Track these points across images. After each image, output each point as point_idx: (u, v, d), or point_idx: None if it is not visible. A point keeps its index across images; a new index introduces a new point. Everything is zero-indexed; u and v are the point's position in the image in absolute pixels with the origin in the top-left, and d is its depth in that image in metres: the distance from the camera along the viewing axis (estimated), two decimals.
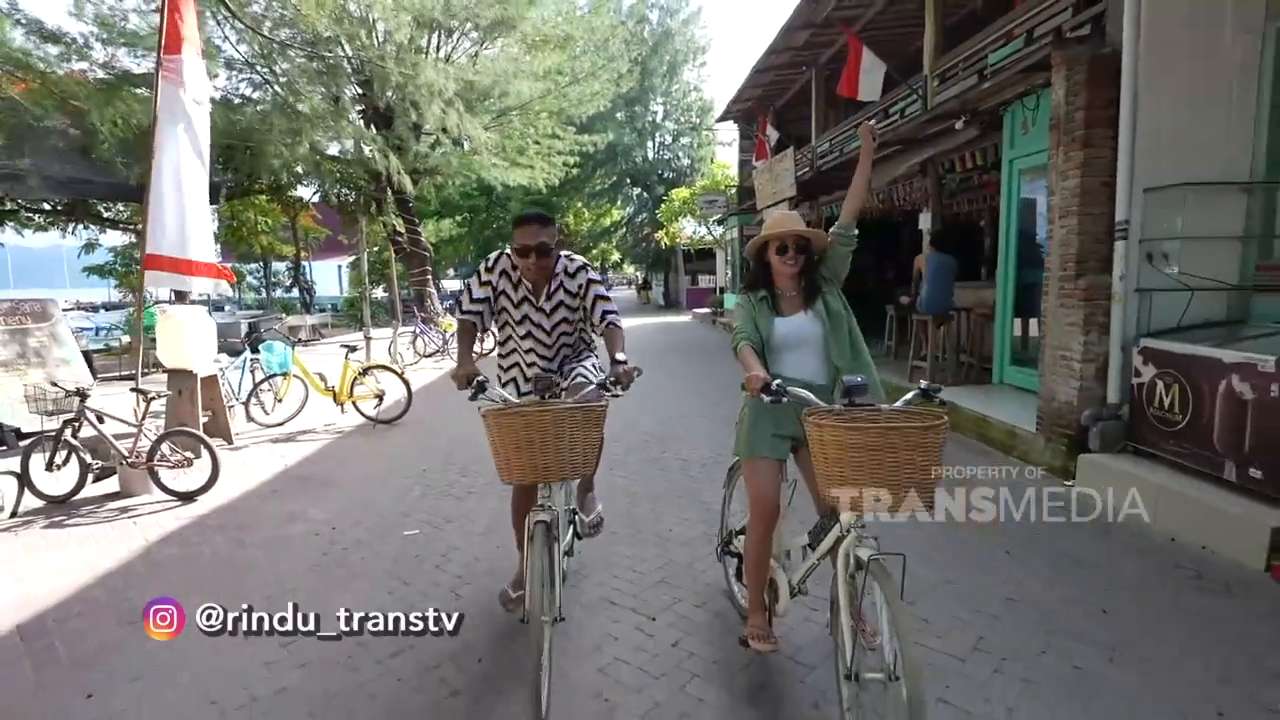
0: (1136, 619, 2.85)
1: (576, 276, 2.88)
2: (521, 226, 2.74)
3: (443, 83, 10.99)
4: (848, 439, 1.98)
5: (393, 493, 4.81)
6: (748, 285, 2.66)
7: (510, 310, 2.88)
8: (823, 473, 2.07)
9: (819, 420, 2.06)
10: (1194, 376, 3.83)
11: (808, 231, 2.51)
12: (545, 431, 2.27)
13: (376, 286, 30.00)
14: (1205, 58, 4.23)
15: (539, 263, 2.74)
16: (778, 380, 2.26)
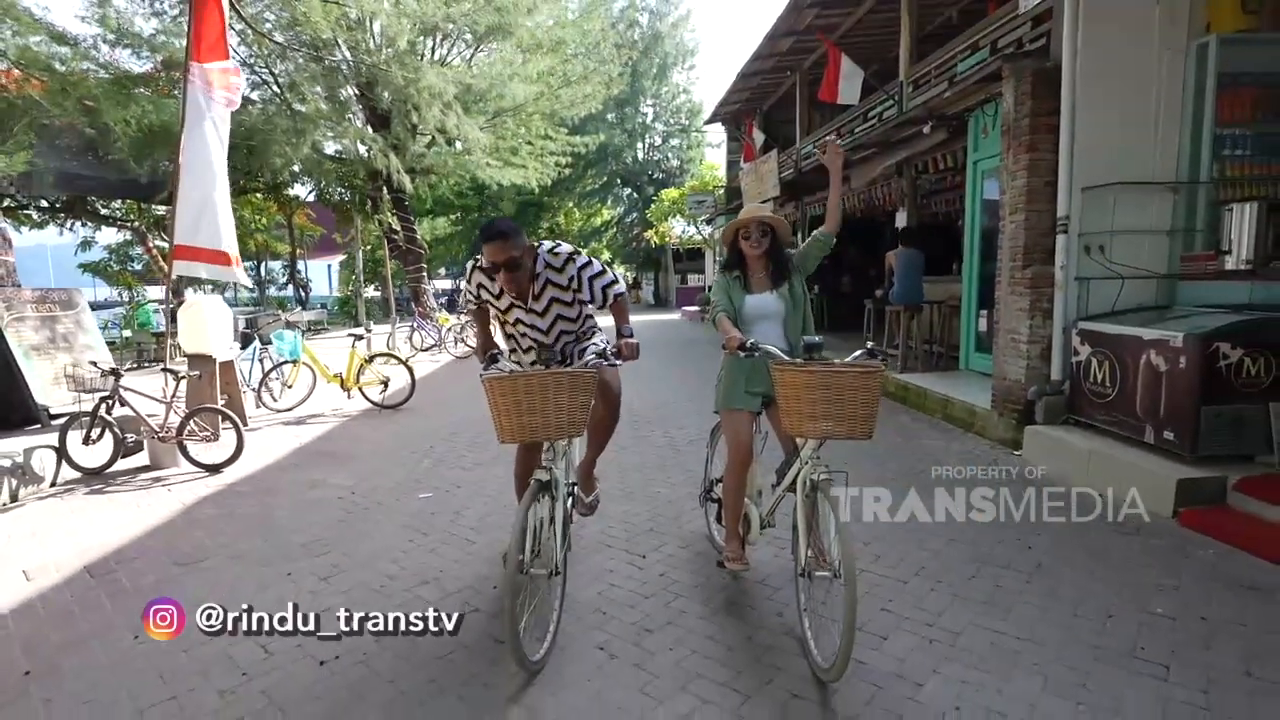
0: (1054, 553, 3.34)
1: (565, 270, 2.82)
2: (487, 244, 2.66)
3: (443, 85, 11.41)
4: (804, 381, 2.46)
5: (405, 465, 5.24)
6: (724, 266, 3.14)
7: (500, 314, 2.92)
8: (786, 409, 2.54)
9: (782, 368, 2.54)
10: (1121, 353, 4.34)
11: (769, 218, 2.99)
12: (535, 394, 2.42)
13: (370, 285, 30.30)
14: (1135, 71, 4.74)
15: (510, 276, 2.71)
16: (751, 340, 2.74)
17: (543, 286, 2.84)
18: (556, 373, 2.48)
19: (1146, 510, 3.81)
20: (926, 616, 2.76)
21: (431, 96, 11.47)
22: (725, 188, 19.57)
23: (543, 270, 2.82)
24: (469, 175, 15.90)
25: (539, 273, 2.82)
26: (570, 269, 2.85)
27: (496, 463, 5.21)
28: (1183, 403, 3.88)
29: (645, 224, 27.86)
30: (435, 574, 3.25)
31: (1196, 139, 4.72)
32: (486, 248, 2.68)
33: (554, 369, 2.57)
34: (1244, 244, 4.19)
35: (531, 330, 2.92)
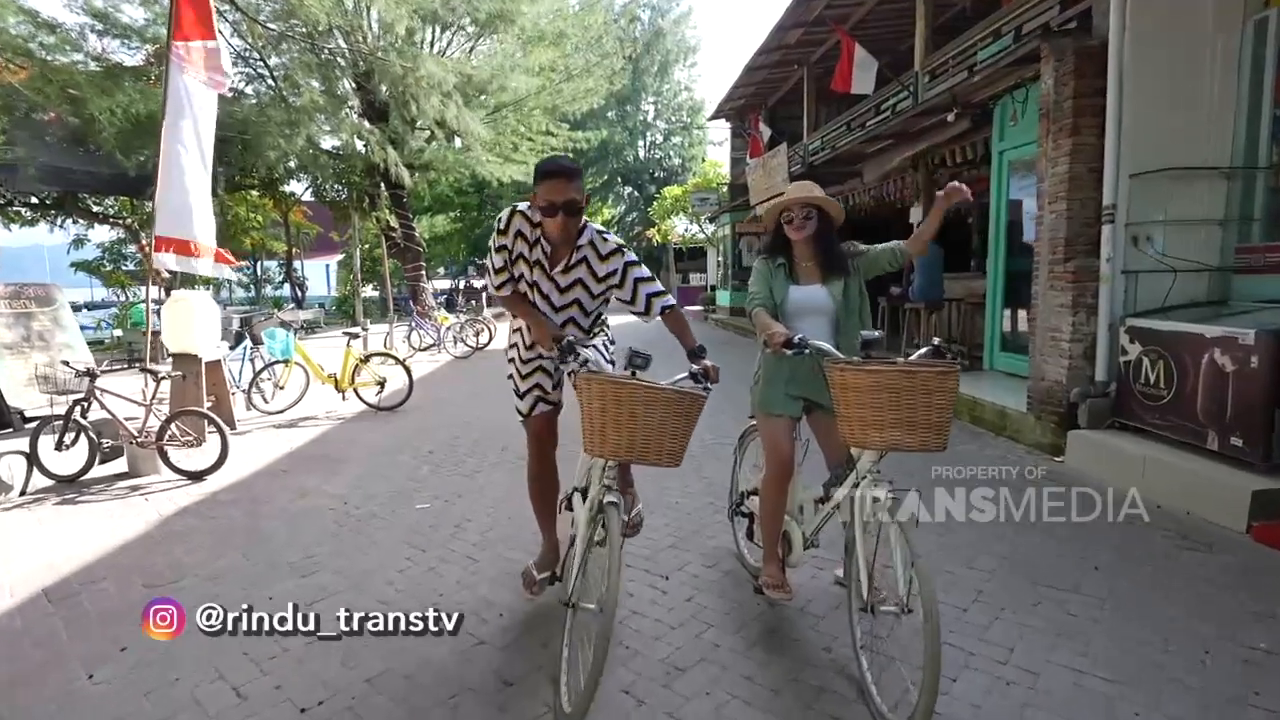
0: (1123, 573, 3.01)
1: (610, 260, 2.50)
2: (547, 180, 2.31)
3: (442, 75, 11.06)
4: (869, 382, 2.12)
5: (402, 470, 4.89)
6: (767, 250, 2.79)
7: (525, 273, 2.55)
8: (844, 415, 2.20)
9: (842, 368, 2.19)
10: (1178, 352, 4.00)
11: (817, 199, 2.64)
12: (639, 409, 2.06)
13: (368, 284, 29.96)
14: (1187, 49, 4.41)
15: (566, 221, 2.36)
16: (799, 335, 2.39)
17: (577, 261, 2.51)
18: (672, 391, 2.12)
19: (1215, 523, 3.48)
20: (996, 652, 2.42)
21: (430, 86, 11.12)
22: (730, 185, 19.24)
23: (585, 245, 2.50)
24: (469, 172, 15.56)
25: (580, 244, 2.49)
26: (616, 261, 2.52)
27: (498, 468, 4.87)
28: (1253, 407, 3.54)
29: (647, 222, 27.53)
30: (435, 598, 2.91)
31: (1254, 121, 4.39)
32: (546, 185, 2.33)
33: (666, 386, 2.18)
34: None
35: (541, 301, 2.58)
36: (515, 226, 2.50)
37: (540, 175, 2.36)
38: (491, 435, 5.93)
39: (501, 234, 2.52)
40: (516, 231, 2.50)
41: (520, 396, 2.76)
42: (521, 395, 2.76)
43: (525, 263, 2.54)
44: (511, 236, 2.51)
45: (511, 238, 2.51)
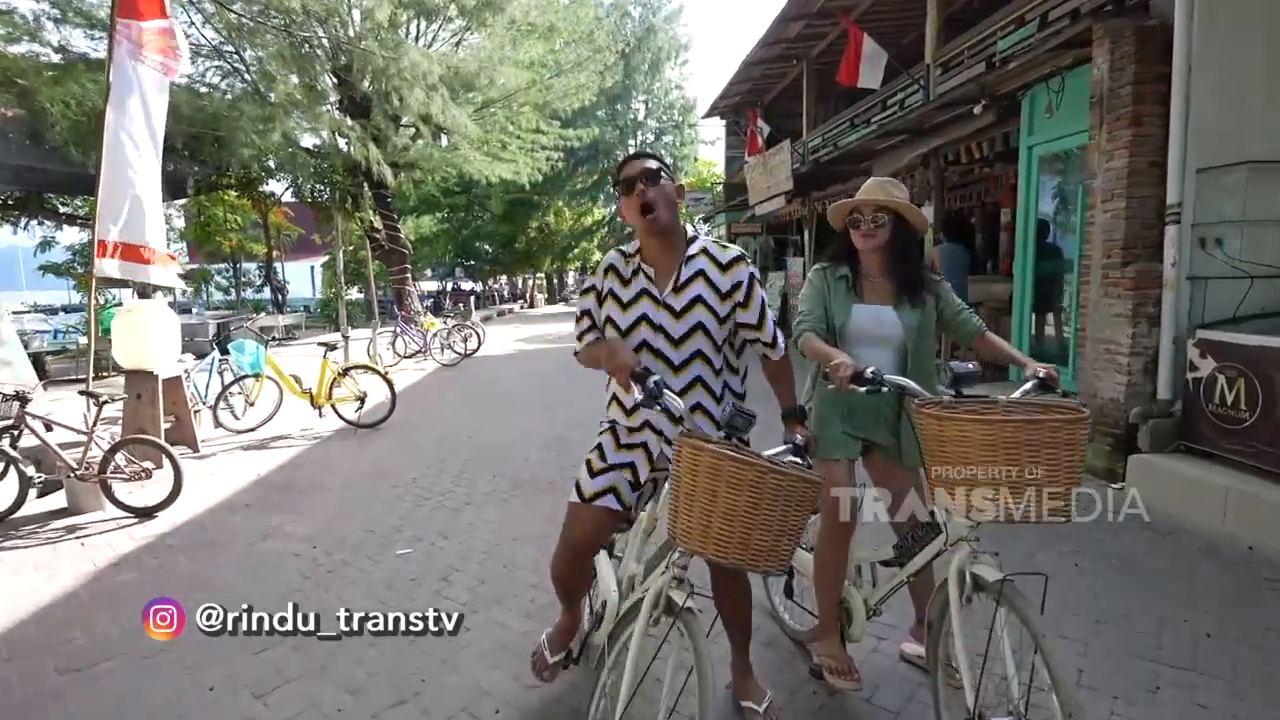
0: (1245, 643, 2.51)
1: (732, 270, 1.92)
2: (624, 166, 1.95)
3: (427, 67, 10.46)
4: (980, 434, 1.62)
5: (381, 504, 4.34)
6: (829, 257, 2.29)
7: (617, 317, 1.95)
8: (941, 475, 1.70)
9: (938, 413, 1.69)
10: (1265, 370, 3.53)
11: (896, 203, 2.13)
12: (743, 493, 1.46)
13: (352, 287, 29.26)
14: (1264, 29, 3.95)
15: (652, 201, 1.85)
16: (872, 368, 1.90)
17: (691, 276, 1.93)
18: (796, 474, 1.51)
19: None
20: None
21: (414, 78, 10.50)
22: (725, 184, 18.77)
23: (698, 255, 1.95)
24: (456, 170, 14.96)
25: (691, 255, 1.95)
26: (739, 272, 1.94)
27: (490, 500, 4.33)
28: None
29: None
30: (414, 688, 2.36)
31: None
32: (625, 169, 1.95)
33: (765, 458, 1.59)
34: None
35: (656, 336, 1.92)
36: (608, 263, 2.05)
37: (619, 166, 2.00)
38: (481, 457, 5.38)
39: (592, 273, 2.09)
40: (608, 267, 2.04)
41: (591, 473, 2.03)
42: (594, 472, 2.02)
43: (619, 303, 1.98)
44: (602, 274, 2.04)
45: (602, 275, 2.04)
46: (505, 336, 17.27)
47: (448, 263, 34.54)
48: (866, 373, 1.92)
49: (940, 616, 1.98)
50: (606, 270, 2.02)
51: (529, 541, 3.63)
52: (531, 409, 7.56)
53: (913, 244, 2.22)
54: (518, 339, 16.77)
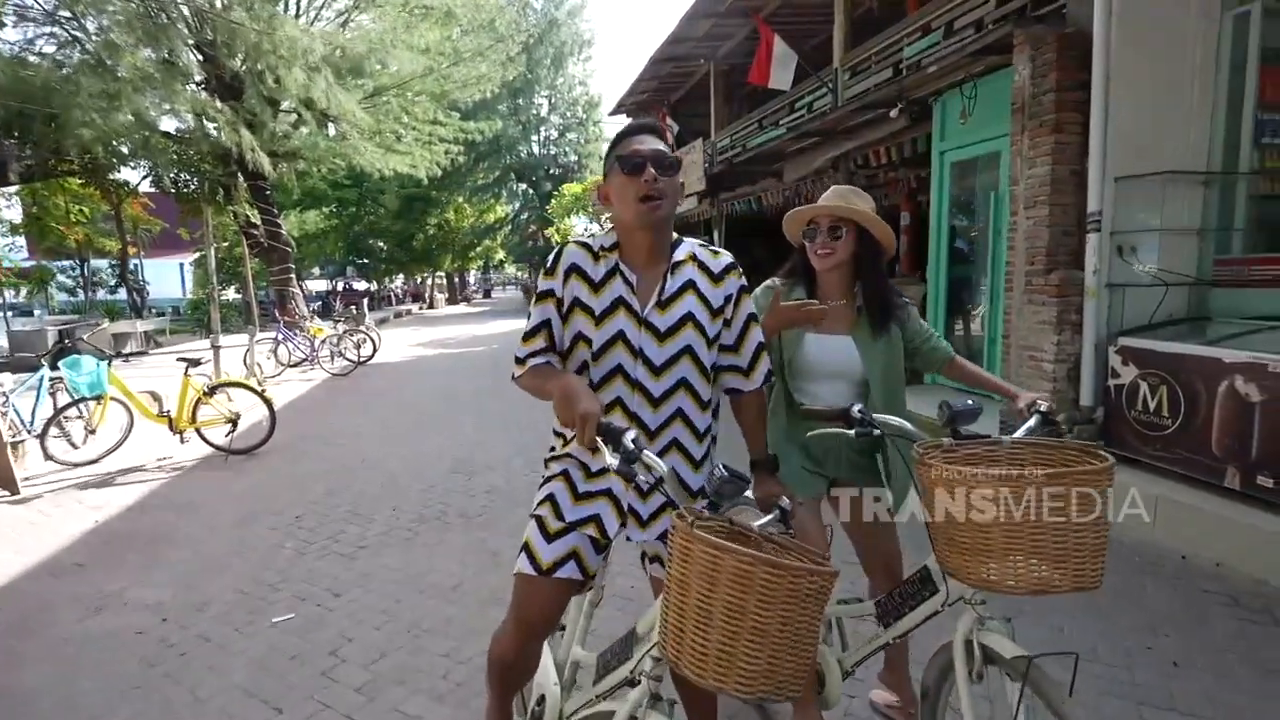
0: (1210, 671, 2.42)
1: (724, 281, 1.55)
2: (627, 139, 1.52)
3: (307, 43, 9.40)
4: (1002, 491, 1.33)
5: (254, 553, 3.65)
6: (785, 273, 1.98)
7: (587, 331, 1.52)
8: (950, 538, 1.41)
9: (944, 462, 1.40)
10: (1186, 377, 3.57)
11: (856, 213, 1.83)
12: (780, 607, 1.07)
13: (229, 287, 26.78)
14: (1172, 40, 4.04)
15: (662, 187, 1.45)
16: (859, 406, 1.61)
17: (680, 288, 1.53)
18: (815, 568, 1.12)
19: (1255, 578, 3.04)
20: None
21: (292, 56, 9.41)
22: None
23: (686, 262, 1.55)
24: (345, 162, 13.78)
25: (678, 260, 1.55)
26: (730, 283, 1.56)
27: (389, 543, 3.75)
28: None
29: (543, 221, 26.33)
30: None
31: (1234, 123, 4.08)
32: (627, 142, 1.51)
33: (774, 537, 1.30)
34: None
35: (636, 366, 1.50)
36: (569, 262, 1.54)
37: (619, 138, 1.56)
38: (378, 486, 4.75)
39: (548, 274, 1.56)
40: (570, 268, 1.54)
41: (547, 536, 1.57)
42: (551, 535, 1.56)
43: (589, 315, 1.52)
44: (562, 278, 1.54)
45: (562, 279, 1.54)
46: (403, 340, 16.19)
47: (338, 261, 32.34)
48: (853, 410, 1.63)
49: (938, 686, 1.71)
50: (569, 272, 1.53)
51: (438, 594, 3.11)
52: (434, 424, 6.91)
53: (877, 263, 1.92)
54: (417, 343, 15.76)
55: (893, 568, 2.08)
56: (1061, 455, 1.51)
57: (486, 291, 47.58)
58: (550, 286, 1.54)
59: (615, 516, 1.55)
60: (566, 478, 1.59)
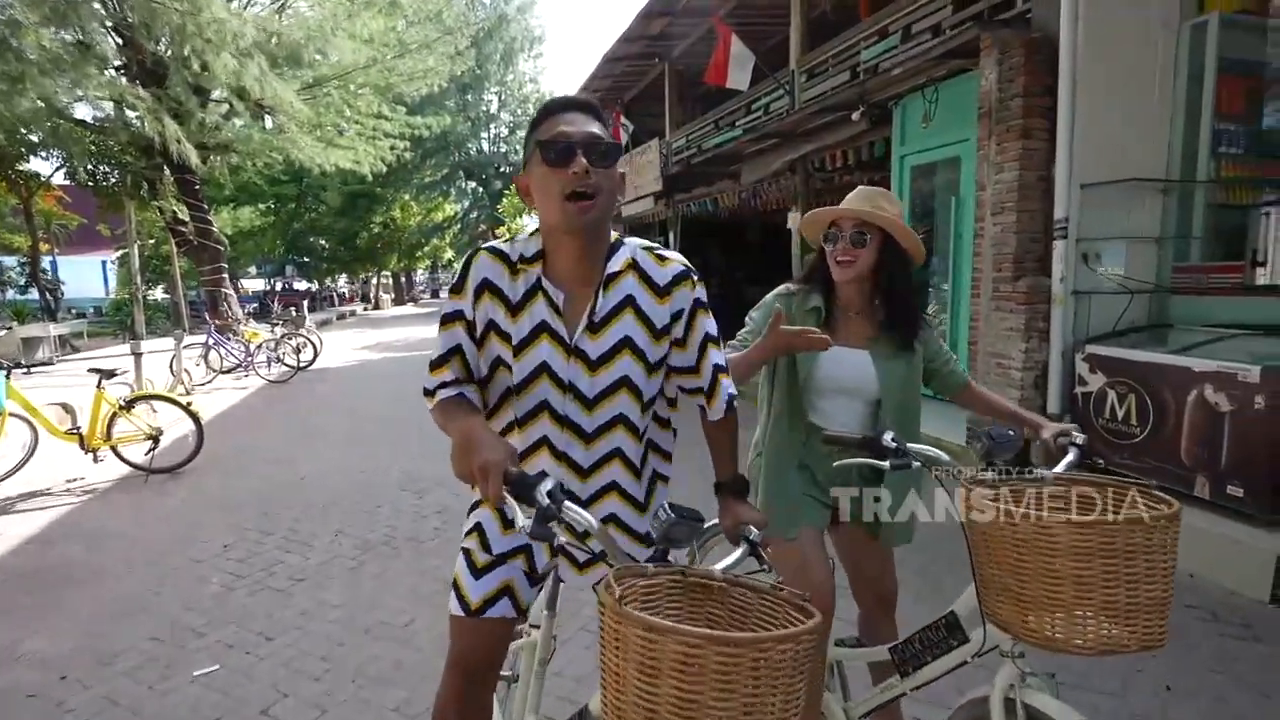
0: (1204, 694, 2.35)
1: (672, 295, 1.29)
2: (552, 117, 1.21)
3: (237, 27, 8.77)
4: (1067, 540, 1.17)
5: (174, 592, 3.26)
6: (802, 278, 1.81)
7: (507, 358, 1.29)
8: (1003, 587, 1.26)
9: (1007, 501, 1.25)
10: (1155, 386, 3.56)
11: (882, 218, 1.66)
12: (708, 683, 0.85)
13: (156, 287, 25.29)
14: (1133, 49, 4.06)
15: (595, 181, 1.17)
16: (891, 435, 1.45)
17: (616, 307, 1.27)
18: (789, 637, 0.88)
19: (1229, 589, 3.02)
20: None
21: (221, 40, 8.76)
22: None
23: (625, 272, 1.28)
24: (282, 156, 13.06)
25: (614, 272, 1.28)
26: (680, 297, 1.29)
27: (330, 575, 3.42)
28: (1259, 452, 3.13)
29: (494, 220, 25.77)
30: None
31: (1192, 132, 4.13)
32: (551, 121, 1.20)
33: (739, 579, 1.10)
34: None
35: (558, 395, 1.28)
36: (479, 275, 1.27)
37: (541, 115, 1.24)
38: (318, 507, 4.38)
39: (455, 293, 1.29)
40: (482, 284, 1.27)
41: (475, 571, 1.38)
42: (478, 569, 1.38)
43: (505, 342, 1.28)
44: (472, 295, 1.27)
45: (472, 297, 1.27)
46: (346, 344, 15.51)
47: (276, 260, 30.95)
48: (886, 439, 1.45)
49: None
50: (480, 290, 1.26)
51: (387, 634, 2.82)
52: (380, 435, 6.51)
53: (903, 275, 1.75)
54: (361, 346, 15.10)
55: (887, 599, 1.94)
56: (1111, 493, 1.37)
57: (434, 292, 46.39)
58: (458, 308, 1.28)
59: (545, 550, 1.37)
60: (476, 534, 1.40)
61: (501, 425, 1.34)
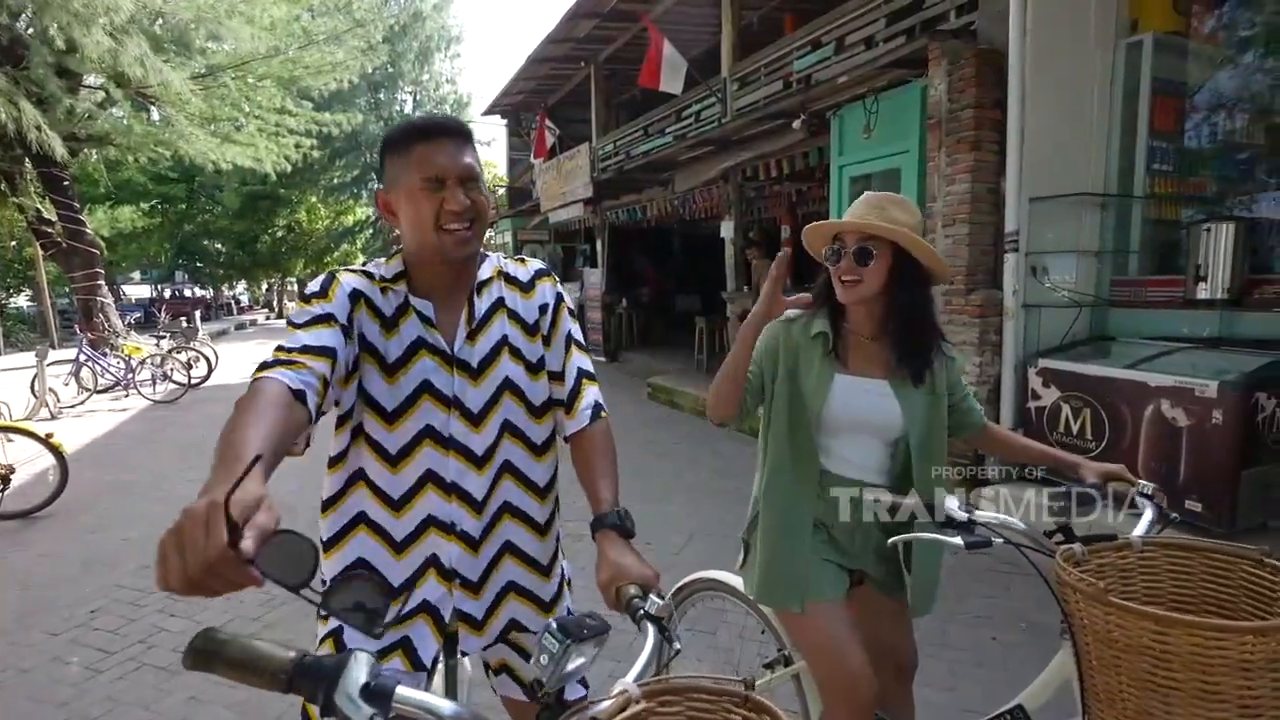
0: None
1: (536, 287, 1.26)
2: (425, 142, 1.10)
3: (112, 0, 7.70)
4: (1221, 650, 0.92)
5: (20, 681, 2.63)
6: (809, 304, 1.51)
7: (382, 396, 1.14)
8: (1141, 703, 1.00)
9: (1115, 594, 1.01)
10: (1110, 400, 3.55)
11: (897, 231, 1.38)
12: None
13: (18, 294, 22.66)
14: (1075, 65, 4.10)
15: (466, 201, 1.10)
16: (957, 501, 1.20)
17: (490, 310, 1.21)
18: None
19: None
20: None
21: (90, 14, 7.69)
22: (508, 188, 17.64)
23: (494, 280, 1.24)
24: (170, 151, 11.81)
25: (484, 280, 1.22)
26: (543, 291, 1.27)
27: None
28: (1218, 467, 3.13)
29: None
30: None
31: (1129, 148, 4.20)
32: (425, 148, 1.10)
33: None
34: (1221, 270, 3.65)
35: (442, 415, 1.15)
36: (348, 287, 1.13)
37: (410, 135, 1.12)
38: None
39: (318, 297, 1.10)
40: (354, 295, 1.13)
41: None
42: None
43: (376, 363, 1.14)
44: (344, 301, 1.11)
45: (344, 303, 1.11)
46: (246, 356, 14.25)
47: (164, 265, 28.43)
48: (955, 509, 1.19)
49: None
50: (354, 299, 1.12)
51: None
52: (289, 461, 5.81)
53: (919, 294, 1.49)
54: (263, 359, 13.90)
55: (908, 669, 1.69)
56: (1212, 563, 1.15)
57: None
58: (326, 310, 1.07)
59: (434, 635, 1.17)
60: None
61: (349, 473, 1.16)
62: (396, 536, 1.15)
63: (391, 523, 1.15)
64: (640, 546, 1.03)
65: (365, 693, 0.64)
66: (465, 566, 1.17)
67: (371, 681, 0.64)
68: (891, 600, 1.57)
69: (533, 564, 1.24)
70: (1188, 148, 4.24)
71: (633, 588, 0.91)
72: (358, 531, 1.16)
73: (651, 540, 3.78)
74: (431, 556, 1.15)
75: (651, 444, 6.21)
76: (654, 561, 0.99)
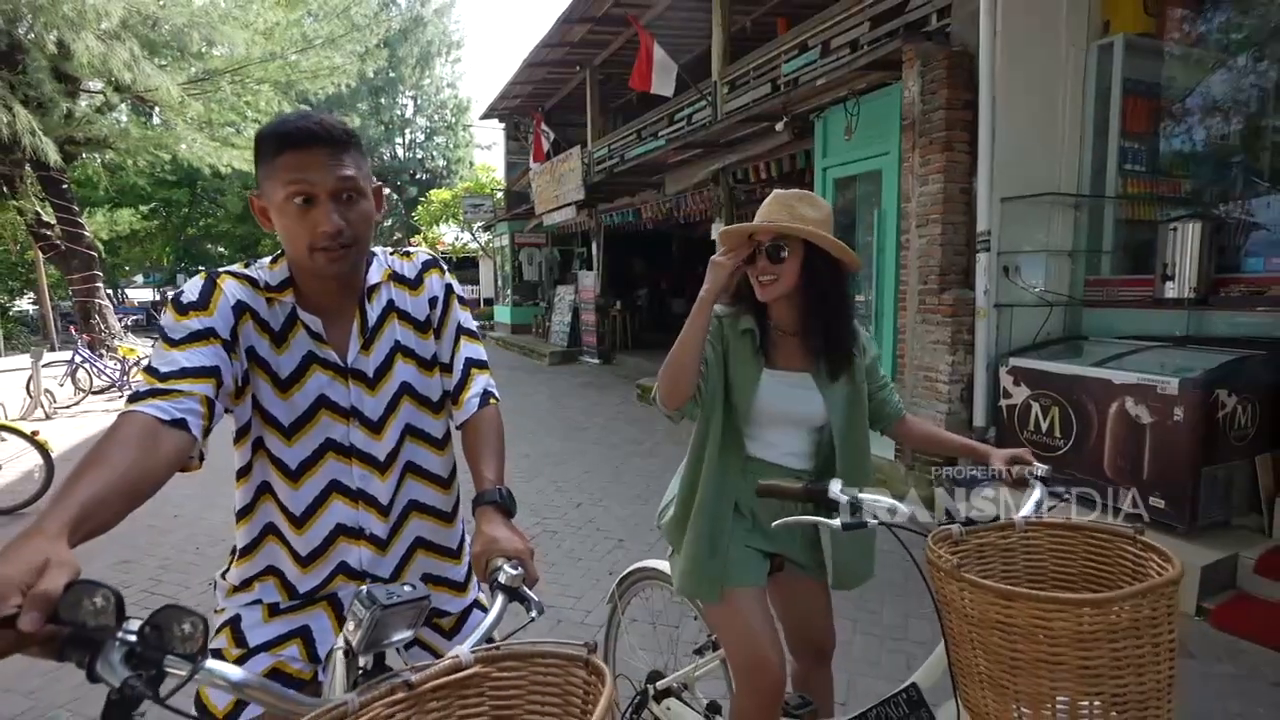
0: None
1: (425, 281, 1.23)
2: (288, 152, 1.00)
3: (103, 5, 7.80)
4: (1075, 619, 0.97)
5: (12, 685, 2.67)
6: (731, 300, 1.55)
7: (279, 413, 1.12)
8: (988, 674, 1.03)
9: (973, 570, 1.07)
10: (1077, 398, 3.58)
11: (806, 230, 1.42)
12: None
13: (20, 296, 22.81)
14: (1048, 65, 4.13)
15: (349, 219, 1.04)
16: (839, 485, 1.22)
17: (382, 317, 1.19)
18: None
19: None
20: None
21: (82, 18, 7.78)
22: (506, 190, 17.73)
23: (384, 285, 1.21)
24: (169, 154, 11.92)
25: (374, 284, 1.18)
26: (432, 284, 1.25)
27: None
28: (1179, 464, 3.16)
29: (409, 229, 24.75)
30: None
31: (1101, 148, 4.24)
32: (288, 159, 1.00)
33: None
34: (1188, 269, 3.68)
35: (340, 427, 1.15)
36: (231, 297, 1.08)
37: (280, 142, 1.01)
38: (191, 552, 3.81)
39: (195, 309, 1.04)
40: (239, 306, 1.08)
41: None
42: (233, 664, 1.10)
43: (269, 378, 1.11)
44: (227, 315, 1.06)
45: (228, 317, 1.06)
46: None
47: (166, 268, 28.62)
48: (834, 490, 1.22)
49: None
50: (238, 312, 1.07)
51: None
52: None
53: (833, 288, 1.52)
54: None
55: (828, 650, 1.72)
56: (1093, 542, 1.19)
57: None
58: (206, 325, 1.02)
59: (335, 628, 1.17)
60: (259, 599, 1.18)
61: (256, 485, 1.15)
62: (302, 551, 1.14)
63: (296, 539, 1.14)
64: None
65: (129, 660, 0.65)
66: (376, 567, 1.18)
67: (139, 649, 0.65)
68: (814, 581, 1.61)
69: (442, 551, 1.27)
70: (1160, 148, 4.27)
71: (501, 559, 0.94)
72: (268, 541, 1.16)
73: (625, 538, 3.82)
74: (340, 564, 1.16)
75: (637, 443, 6.24)
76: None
